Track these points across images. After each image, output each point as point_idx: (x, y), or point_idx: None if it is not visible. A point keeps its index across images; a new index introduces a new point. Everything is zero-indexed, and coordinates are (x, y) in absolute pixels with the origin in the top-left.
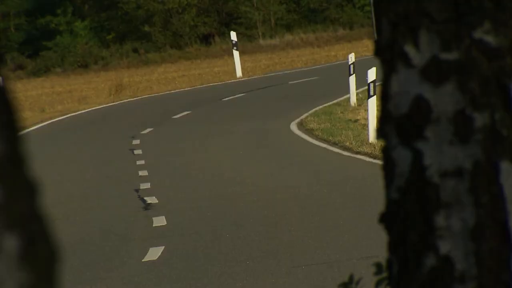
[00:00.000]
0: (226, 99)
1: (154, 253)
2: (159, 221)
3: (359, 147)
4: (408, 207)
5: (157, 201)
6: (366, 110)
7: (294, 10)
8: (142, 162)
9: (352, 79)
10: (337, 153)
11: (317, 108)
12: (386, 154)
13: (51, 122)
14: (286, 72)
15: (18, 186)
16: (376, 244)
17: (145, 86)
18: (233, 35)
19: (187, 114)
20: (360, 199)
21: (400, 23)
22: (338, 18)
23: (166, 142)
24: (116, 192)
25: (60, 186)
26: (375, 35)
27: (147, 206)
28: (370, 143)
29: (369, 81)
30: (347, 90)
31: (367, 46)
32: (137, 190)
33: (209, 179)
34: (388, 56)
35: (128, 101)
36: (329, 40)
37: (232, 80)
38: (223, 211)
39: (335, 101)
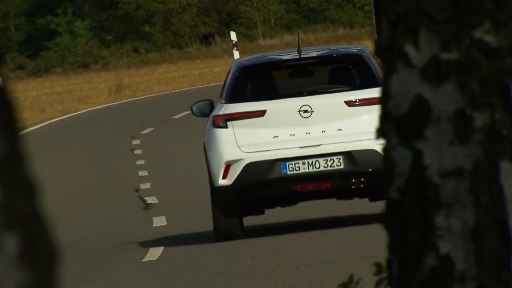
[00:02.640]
0: None
1: (154, 253)
2: (159, 221)
3: None
4: (408, 207)
5: (157, 201)
6: None
7: (294, 10)
8: (142, 162)
9: None
10: None
11: None
12: (386, 154)
13: (51, 122)
14: None
15: (18, 186)
16: (376, 244)
17: (145, 86)
18: (233, 35)
19: (187, 114)
20: (360, 199)
21: (400, 23)
22: (338, 18)
23: (166, 142)
24: (116, 192)
25: (60, 186)
26: (375, 35)
27: (147, 206)
28: None
29: None
30: None
31: (367, 46)
32: (137, 190)
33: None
34: (388, 56)
35: (128, 101)
36: (329, 40)
37: None
38: None
39: None
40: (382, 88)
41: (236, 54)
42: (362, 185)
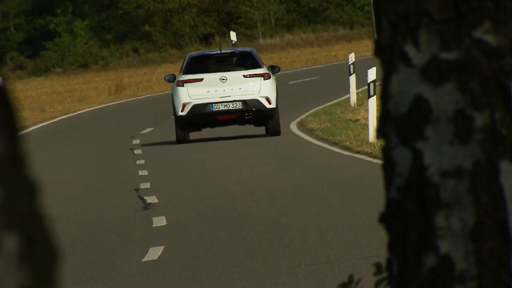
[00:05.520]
0: None
1: (154, 253)
2: (159, 221)
3: (359, 146)
4: (408, 207)
5: (157, 201)
6: (366, 110)
7: (294, 10)
8: (142, 161)
9: (352, 79)
10: (337, 153)
11: (317, 108)
12: (386, 154)
13: (51, 122)
14: (286, 71)
15: (18, 186)
16: (376, 244)
17: (145, 86)
18: (233, 35)
19: None
20: (360, 199)
21: (400, 23)
22: (338, 18)
23: (166, 142)
24: (116, 192)
25: (60, 186)
26: (375, 35)
27: (147, 206)
28: (370, 143)
29: (369, 81)
30: (347, 90)
31: (367, 46)
32: (137, 190)
33: (209, 179)
34: (388, 56)
35: (128, 101)
36: (329, 40)
37: None
38: (223, 211)
39: (335, 101)
40: (382, 88)
41: None
42: (250, 117)
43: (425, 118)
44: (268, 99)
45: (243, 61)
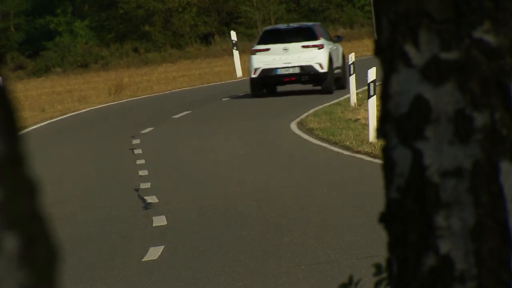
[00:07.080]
0: (226, 99)
1: (154, 253)
2: (159, 220)
3: (359, 146)
4: (408, 207)
5: (157, 201)
6: (366, 110)
7: (294, 9)
8: (142, 161)
9: (352, 79)
10: (337, 152)
11: (317, 108)
12: (386, 154)
13: (51, 122)
14: None
15: (18, 186)
16: (376, 244)
17: (145, 86)
18: (233, 35)
19: (187, 114)
20: (360, 199)
21: (400, 23)
22: (338, 18)
23: (166, 142)
24: (116, 192)
25: (60, 186)
26: (375, 35)
27: (147, 206)
28: (370, 143)
29: (369, 81)
30: (347, 90)
31: (367, 46)
32: (137, 190)
33: (209, 179)
34: (388, 56)
35: (128, 100)
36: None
37: (232, 80)
38: (223, 211)
39: (335, 101)
40: (382, 88)
41: (236, 54)
42: (307, 79)
43: (425, 118)
44: (321, 65)
45: (304, 34)
